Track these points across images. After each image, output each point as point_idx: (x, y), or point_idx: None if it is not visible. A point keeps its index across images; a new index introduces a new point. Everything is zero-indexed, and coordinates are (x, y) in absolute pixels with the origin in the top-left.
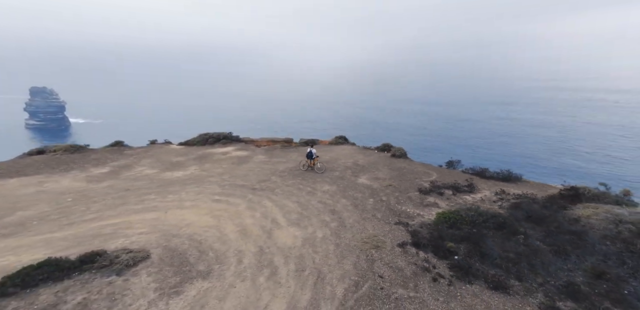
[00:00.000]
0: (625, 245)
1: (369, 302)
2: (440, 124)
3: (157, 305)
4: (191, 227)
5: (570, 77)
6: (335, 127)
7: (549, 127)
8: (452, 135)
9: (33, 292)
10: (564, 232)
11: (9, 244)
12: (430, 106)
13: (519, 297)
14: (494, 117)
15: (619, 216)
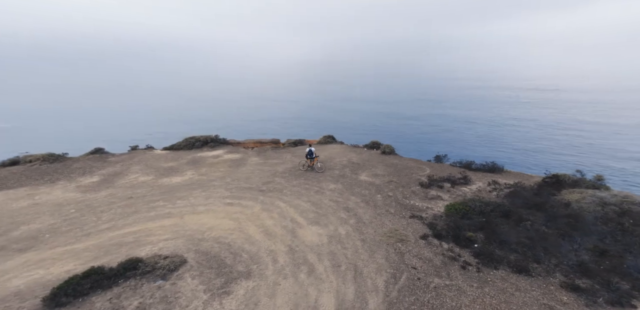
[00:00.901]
0: (615, 224)
1: (411, 292)
2: (388, 122)
3: (212, 305)
4: (214, 231)
5: (498, 76)
6: (292, 126)
7: (480, 123)
8: (400, 131)
9: (86, 300)
10: (561, 216)
11: (30, 258)
12: (379, 105)
13: (541, 277)
14: (435, 115)
15: (603, 199)
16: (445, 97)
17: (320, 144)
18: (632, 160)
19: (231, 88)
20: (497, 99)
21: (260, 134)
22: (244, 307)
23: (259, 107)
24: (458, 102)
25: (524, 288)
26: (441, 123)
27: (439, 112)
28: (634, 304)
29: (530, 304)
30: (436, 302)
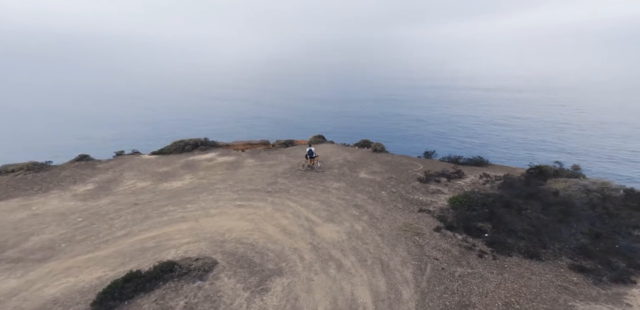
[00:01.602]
0: (601, 209)
1: (439, 282)
2: (344, 121)
3: (254, 302)
4: (234, 232)
5: (446, 76)
6: (249, 127)
7: (430, 121)
8: (357, 131)
9: (132, 303)
10: (554, 203)
11: (54, 267)
12: (337, 104)
13: (550, 261)
14: (388, 114)
15: (586, 186)
16: (401, 97)
17: (311, 143)
18: (564, 153)
19: (180, 86)
20: (451, 99)
21: (216, 135)
22: (285, 303)
23: (208, 106)
24: (413, 101)
25: (538, 272)
26: (400, 121)
27: (398, 111)
28: (633, 280)
29: (547, 286)
30: (464, 290)
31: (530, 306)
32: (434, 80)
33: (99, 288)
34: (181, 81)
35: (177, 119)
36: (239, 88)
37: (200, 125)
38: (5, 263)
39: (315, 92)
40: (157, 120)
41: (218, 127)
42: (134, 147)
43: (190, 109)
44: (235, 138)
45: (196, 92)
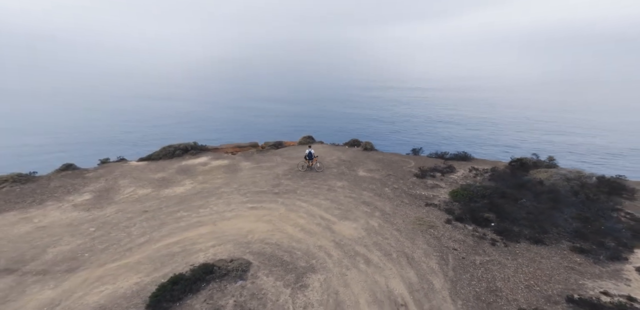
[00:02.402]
0: (582, 195)
1: (464, 270)
2: (299, 120)
3: (298, 297)
4: (255, 234)
5: (391, 77)
6: (198, 129)
7: (382, 120)
8: (314, 129)
9: (183, 304)
10: (542, 192)
11: (87, 277)
12: (291, 105)
13: (553, 245)
14: (342, 113)
15: (566, 175)
16: (358, 97)
17: (301, 144)
18: (494, 146)
19: (123, 85)
20: (404, 99)
21: (166, 139)
22: (327, 297)
23: (147, 107)
24: (359, 101)
25: (546, 255)
26: (358, 120)
27: (346, 111)
28: (625, 257)
29: (557, 267)
30: (488, 276)
31: (548, 287)
32: (387, 81)
33: (142, 293)
34: (125, 80)
35: (118, 121)
36: (183, 87)
37: (143, 127)
38: (32, 276)
39: (271, 92)
40: (94, 125)
41: (162, 131)
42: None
43: (132, 111)
44: (181, 140)
45: (135, 92)
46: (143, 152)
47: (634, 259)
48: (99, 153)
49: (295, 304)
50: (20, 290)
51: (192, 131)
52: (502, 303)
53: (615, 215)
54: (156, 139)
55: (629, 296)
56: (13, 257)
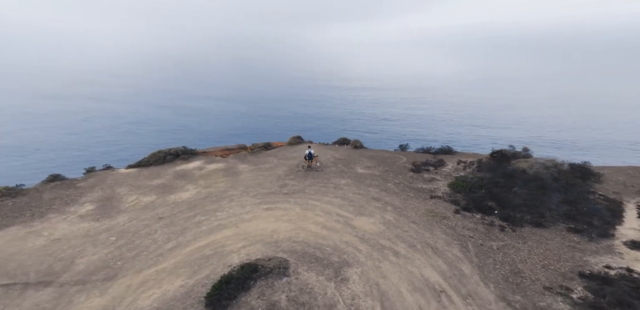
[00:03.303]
0: (562, 181)
1: (486, 256)
2: (248, 120)
3: (343, 290)
4: (280, 233)
5: (336, 76)
6: (128, 133)
7: (332, 118)
8: (263, 129)
9: (239, 301)
10: (528, 180)
11: (129, 283)
12: (236, 104)
13: (552, 227)
14: (293, 113)
15: (544, 164)
16: (308, 96)
17: (291, 144)
18: (433, 142)
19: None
20: (349, 98)
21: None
22: (369, 288)
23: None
24: (307, 100)
25: (549, 237)
26: (300, 120)
27: (296, 110)
28: (611, 233)
29: (561, 247)
30: (508, 259)
31: (560, 265)
32: (332, 80)
33: (191, 294)
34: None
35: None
36: (116, 87)
37: (64, 134)
38: (71, 286)
39: (215, 91)
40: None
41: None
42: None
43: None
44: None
45: (50, 92)
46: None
47: (619, 235)
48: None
49: (342, 296)
50: (67, 300)
51: (124, 138)
52: (528, 283)
53: (592, 197)
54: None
55: (628, 268)
56: (41, 270)
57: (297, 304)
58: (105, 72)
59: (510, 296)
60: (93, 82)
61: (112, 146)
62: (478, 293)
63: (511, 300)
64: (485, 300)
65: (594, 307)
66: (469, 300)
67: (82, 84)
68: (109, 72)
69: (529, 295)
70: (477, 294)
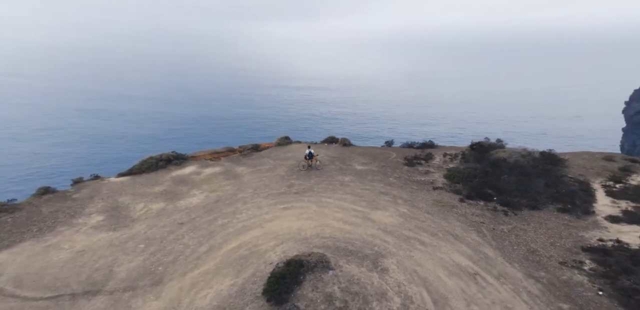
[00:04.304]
0: (539, 168)
1: (502, 239)
2: (201, 122)
3: (387, 279)
4: (306, 230)
5: (279, 76)
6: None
7: (282, 119)
8: (216, 131)
9: (297, 294)
10: (512, 168)
11: (180, 286)
12: (174, 105)
13: (544, 209)
14: (237, 114)
15: (520, 153)
16: (253, 96)
17: (280, 145)
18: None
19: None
20: (292, 98)
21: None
22: (410, 276)
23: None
24: (251, 100)
25: (545, 218)
26: (249, 121)
27: (251, 111)
28: (592, 211)
29: (558, 227)
30: (520, 240)
31: (564, 242)
32: (276, 80)
33: (245, 291)
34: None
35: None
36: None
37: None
38: (121, 293)
39: (143, 90)
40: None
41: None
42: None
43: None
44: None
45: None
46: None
47: (598, 211)
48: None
49: (389, 284)
50: (124, 305)
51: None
52: (545, 260)
53: (566, 180)
54: None
55: (617, 239)
56: (82, 280)
57: (350, 294)
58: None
59: (536, 273)
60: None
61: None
62: (507, 273)
63: (538, 277)
64: (515, 279)
65: (605, 277)
66: (502, 280)
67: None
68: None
69: (550, 271)
70: (506, 273)
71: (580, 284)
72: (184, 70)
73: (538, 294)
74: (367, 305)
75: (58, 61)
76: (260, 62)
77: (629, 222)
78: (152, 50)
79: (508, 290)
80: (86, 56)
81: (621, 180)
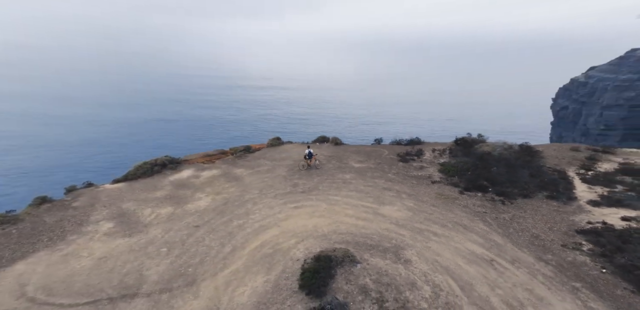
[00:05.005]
0: (521, 160)
1: (506, 226)
2: (143, 129)
3: (413, 270)
4: (323, 228)
5: (234, 75)
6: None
7: (243, 121)
8: (177, 142)
9: (332, 287)
10: (497, 160)
11: (215, 285)
12: (119, 108)
13: (535, 197)
14: (197, 116)
15: (502, 146)
16: (195, 96)
17: (272, 146)
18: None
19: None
20: (254, 98)
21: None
22: (432, 266)
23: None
24: (210, 101)
25: (537, 205)
26: (211, 124)
27: (213, 113)
28: (574, 197)
29: (550, 213)
30: (522, 227)
31: (559, 226)
32: (232, 79)
33: (280, 287)
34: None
35: None
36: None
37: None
38: (159, 294)
39: (82, 91)
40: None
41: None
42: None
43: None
44: None
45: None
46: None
47: (579, 197)
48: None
49: (416, 274)
50: (167, 306)
51: None
52: (549, 244)
53: (545, 170)
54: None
55: (603, 221)
56: (115, 285)
57: (383, 285)
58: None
59: (544, 256)
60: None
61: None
62: (519, 257)
63: (547, 260)
64: (528, 263)
65: (603, 256)
66: (516, 264)
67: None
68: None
69: (556, 254)
70: (519, 258)
71: (584, 264)
72: (132, 70)
73: (551, 275)
74: (400, 294)
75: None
76: (217, 62)
77: (608, 205)
78: (97, 46)
79: (524, 273)
80: (17, 54)
81: (590, 168)
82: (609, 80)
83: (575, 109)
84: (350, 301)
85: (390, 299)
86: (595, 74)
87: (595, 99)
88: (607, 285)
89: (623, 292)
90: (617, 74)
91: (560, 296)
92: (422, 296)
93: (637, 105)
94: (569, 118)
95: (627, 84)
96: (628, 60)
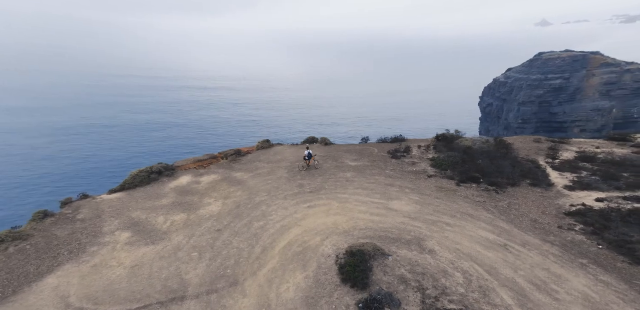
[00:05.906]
0: (499, 153)
1: (506, 213)
2: (76, 137)
3: (439, 259)
4: (342, 225)
5: (177, 75)
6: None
7: (190, 125)
8: (116, 139)
9: (373, 279)
10: (480, 154)
11: (259, 283)
12: (47, 113)
13: (522, 186)
14: (136, 121)
15: (480, 140)
16: (131, 100)
17: (263, 148)
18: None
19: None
20: (196, 99)
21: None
22: (455, 254)
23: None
24: (147, 103)
25: (525, 192)
26: (153, 130)
27: (136, 118)
28: (552, 183)
29: (540, 199)
30: (520, 213)
31: (550, 210)
32: (175, 80)
33: (321, 282)
34: None
35: None
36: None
37: None
38: (207, 296)
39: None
40: None
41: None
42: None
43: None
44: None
45: None
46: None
47: (556, 183)
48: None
49: (444, 263)
50: (220, 305)
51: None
52: (547, 226)
53: (521, 161)
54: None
55: (583, 204)
56: (159, 290)
57: (418, 274)
58: None
59: (548, 238)
60: None
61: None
62: (528, 241)
63: (551, 241)
64: (536, 245)
65: (595, 234)
66: (528, 247)
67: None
68: None
69: (557, 235)
70: (527, 241)
71: (583, 242)
72: (58, 68)
73: (560, 255)
74: (437, 282)
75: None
76: (143, 61)
77: (581, 189)
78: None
79: (537, 254)
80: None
81: (555, 157)
82: (523, 80)
83: (498, 106)
84: (393, 291)
85: (429, 287)
86: (513, 75)
87: (513, 96)
88: (608, 259)
89: (622, 264)
90: (529, 74)
91: (573, 273)
92: (457, 282)
93: (545, 101)
94: (494, 114)
95: (537, 83)
96: (537, 62)
